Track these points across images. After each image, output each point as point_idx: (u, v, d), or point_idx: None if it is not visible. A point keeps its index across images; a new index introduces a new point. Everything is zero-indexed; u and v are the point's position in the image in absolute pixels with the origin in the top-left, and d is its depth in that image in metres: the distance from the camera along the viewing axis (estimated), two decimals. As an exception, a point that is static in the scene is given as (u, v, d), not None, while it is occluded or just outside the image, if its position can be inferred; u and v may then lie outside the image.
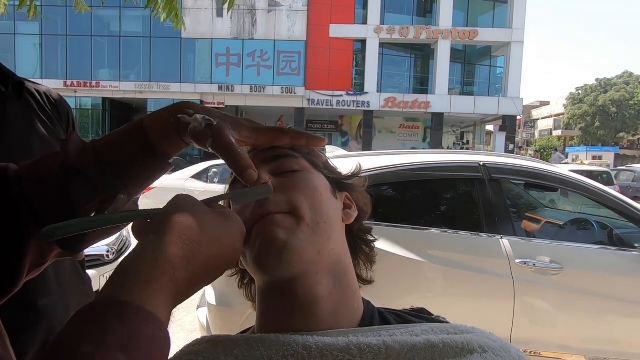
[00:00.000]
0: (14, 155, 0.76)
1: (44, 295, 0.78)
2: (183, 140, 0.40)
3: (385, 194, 2.29)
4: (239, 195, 0.42)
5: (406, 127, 21.46)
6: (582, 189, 2.25)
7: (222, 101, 18.24)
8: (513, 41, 18.26)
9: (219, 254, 0.33)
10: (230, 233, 0.35)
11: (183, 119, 0.38)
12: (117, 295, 0.26)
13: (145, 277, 0.27)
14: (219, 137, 0.37)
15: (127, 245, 3.39)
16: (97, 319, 0.25)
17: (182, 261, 0.29)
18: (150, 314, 0.25)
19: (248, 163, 0.38)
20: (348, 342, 0.37)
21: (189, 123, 0.38)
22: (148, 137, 0.39)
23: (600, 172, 11.01)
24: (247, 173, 0.38)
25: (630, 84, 33.92)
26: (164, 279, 0.27)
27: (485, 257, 2.04)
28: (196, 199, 0.35)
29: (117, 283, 0.27)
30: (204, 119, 0.37)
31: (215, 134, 0.37)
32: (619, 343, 2.02)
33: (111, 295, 0.26)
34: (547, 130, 47.99)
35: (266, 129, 0.42)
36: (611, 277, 2.06)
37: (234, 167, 0.38)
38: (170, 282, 0.28)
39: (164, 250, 0.28)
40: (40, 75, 17.70)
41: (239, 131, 0.40)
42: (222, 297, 2.05)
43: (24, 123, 0.80)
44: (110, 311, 0.25)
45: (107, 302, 0.26)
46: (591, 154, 29.41)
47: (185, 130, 0.38)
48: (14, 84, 0.79)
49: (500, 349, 0.38)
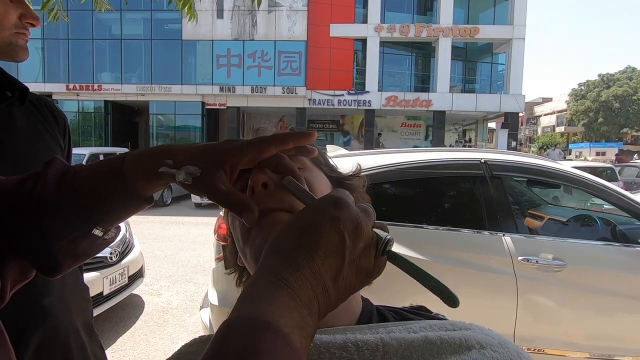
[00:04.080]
0: (22, 159, 0.78)
1: (48, 295, 0.80)
2: (164, 183, 0.40)
3: (387, 192, 2.28)
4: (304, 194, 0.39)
5: (408, 125, 21.40)
6: (585, 185, 2.24)
7: (224, 102, 18.26)
8: (514, 38, 18.16)
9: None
10: None
11: (166, 171, 0.38)
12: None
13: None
14: (210, 191, 0.37)
15: (130, 247, 3.40)
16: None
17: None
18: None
19: (245, 206, 0.37)
20: (345, 339, 0.37)
21: (173, 174, 0.37)
22: (128, 182, 0.39)
23: (604, 167, 10.94)
24: (244, 216, 0.37)
25: (633, 79, 33.72)
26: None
27: (488, 255, 2.03)
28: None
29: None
30: (188, 174, 0.37)
31: (206, 189, 0.37)
32: (623, 340, 2.01)
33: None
34: (550, 126, 47.77)
35: (247, 150, 0.38)
36: (615, 273, 2.05)
37: (234, 212, 0.38)
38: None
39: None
40: (42, 79, 17.77)
41: (223, 167, 0.38)
42: (225, 298, 2.05)
43: (29, 128, 0.83)
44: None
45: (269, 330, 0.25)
46: (594, 149, 29.26)
47: (168, 180, 0.38)
48: (19, 90, 0.81)
49: (498, 345, 0.38)
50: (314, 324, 0.28)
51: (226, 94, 18.07)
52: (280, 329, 0.25)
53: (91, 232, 0.41)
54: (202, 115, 18.68)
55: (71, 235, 0.40)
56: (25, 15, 0.78)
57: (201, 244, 5.96)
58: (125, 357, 2.75)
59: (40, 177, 0.40)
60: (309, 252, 0.29)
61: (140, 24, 18.57)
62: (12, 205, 0.39)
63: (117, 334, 3.07)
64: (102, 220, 0.41)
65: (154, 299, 3.78)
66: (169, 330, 3.16)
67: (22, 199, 0.39)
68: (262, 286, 0.28)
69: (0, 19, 0.74)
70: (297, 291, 0.28)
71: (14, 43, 0.77)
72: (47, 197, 0.39)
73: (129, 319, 3.34)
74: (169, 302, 3.71)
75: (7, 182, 0.41)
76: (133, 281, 3.33)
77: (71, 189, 0.39)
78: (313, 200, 0.37)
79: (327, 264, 0.30)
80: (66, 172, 0.41)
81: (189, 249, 5.73)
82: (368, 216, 0.33)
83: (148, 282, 4.01)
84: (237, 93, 17.94)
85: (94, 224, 0.41)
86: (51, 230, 0.39)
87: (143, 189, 0.40)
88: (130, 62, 18.61)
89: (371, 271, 0.33)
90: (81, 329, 0.88)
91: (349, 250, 0.31)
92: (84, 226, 0.40)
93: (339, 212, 0.31)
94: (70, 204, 0.39)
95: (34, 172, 0.41)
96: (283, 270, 0.28)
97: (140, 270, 3.49)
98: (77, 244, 0.41)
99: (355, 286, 0.32)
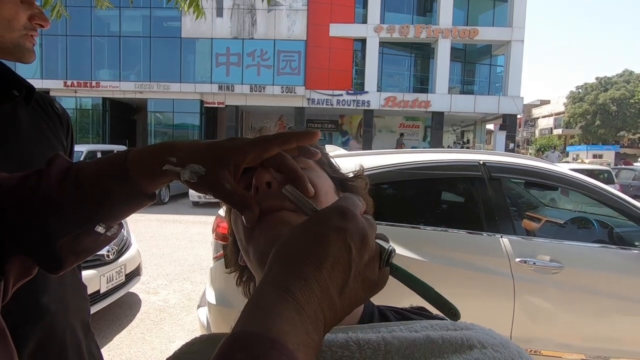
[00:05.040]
0: (27, 159, 0.78)
1: (46, 293, 0.80)
2: (168, 180, 0.40)
3: (385, 193, 2.29)
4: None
5: (406, 126, 21.43)
6: (582, 188, 2.25)
7: (222, 101, 18.23)
8: (513, 40, 18.22)
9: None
10: None
11: (170, 169, 0.38)
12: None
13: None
14: (215, 189, 0.37)
15: (127, 245, 3.39)
16: None
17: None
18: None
19: (246, 205, 0.38)
20: (347, 338, 0.37)
21: (177, 172, 0.38)
22: (132, 179, 0.39)
23: (601, 170, 11.00)
24: (245, 214, 0.38)
25: (630, 83, 33.88)
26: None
27: (485, 256, 2.04)
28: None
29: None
30: (193, 173, 0.37)
31: (211, 187, 0.37)
32: (618, 341, 2.02)
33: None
34: (548, 128, 47.94)
35: (250, 149, 0.38)
36: (611, 275, 2.06)
37: (237, 210, 0.39)
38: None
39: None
40: (40, 76, 17.68)
41: (227, 166, 0.38)
42: (222, 297, 2.05)
43: (34, 128, 0.83)
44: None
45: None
46: (592, 152, 29.39)
47: (172, 178, 0.39)
48: (25, 89, 0.81)
49: (499, 345, 0.38)
50: (318, 339, 0.27)
51: (225, 92, 18.05)
52: (286, 346, 0.24)
53: (94, 230, 0.41)
54: (201, 113, 18.64)
55: (74, 232, 0.40)
56: (35, 16, 0.77)
57: (199, 243, 5.95)
58: (122, 355, 2.74)
59: (43, 175, 0.40)
60: (316, 264, 0.29)
61: (139, 21, 18.51)
62: (16, 203, 0.39)
63: (113, 332, 3.06)
64: (105, 218, 0.41)
65: (151, 297, 3.77)
66: (166, 328, 3.16)
67: (25, 197, 0.39)
68: (268, 299, 0.27)
69: (11, 19, 0.73)
70: (304, 305, 0.27)
71: (22, 45, 0.76)
72: (51, 196, 0.39)
73: (125, 317, 3.33)
74: (166, 301, 3.71)
75: (10, 179, 0.41)
76: (130, 279, 3.32)
77: (74, 187, 0.39)
78: (313, 209, 0.37)
79: (333, 276, 0.29)
80: (69, 170, 0.41)
81: (187, 247, 5.72)
82: (372, 227, 0.33)
83: (145, 280, 4.00)
84: (236, 92, 17.92)
85: (97, 222, 0.41)
86: (54, 228, 0.39)
87: (146, 186, 0.40)
88: (129, 60, 18.55)
89: (376, 282, 0.33)
90: (78, 327, 0.88)
91: (355, 262, 0.30)
92: (87, 224, 0.40)
93: (346, 224, 0.31)
94: (74, 202, 0.39)
95: (37, 169, 0.41)
96: (289, 282, 0.28)
97: (138, 268, 3.48)
98: (79, 241, 0.41)
99: (361, 298, 0.32)
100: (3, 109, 0.77)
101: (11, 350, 0.39)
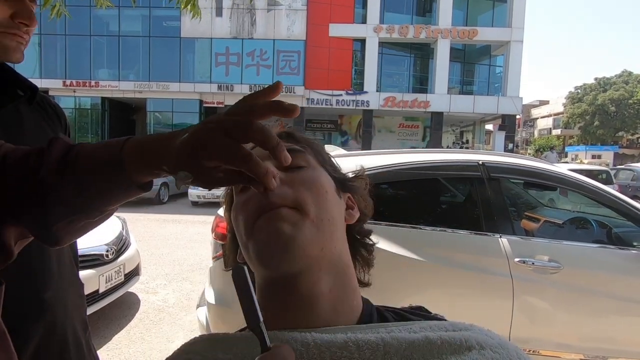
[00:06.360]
0: None
1: (48, 289, 0.80)
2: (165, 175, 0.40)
3: (384, 193, 2.29)
4: None
5: (405, 126, 21.44)
6: (581, 188, 2.25)
7: (222, 100, 18.22)
8: (512, 40, 18.25)
9: None
10: None
11: (164, 175, 0.39)
12: None
13: None
14: (209, 183, 0.37)
15: (126, 244, 3.39)
16: None
17: None
18: None
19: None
20: (346, 338, 0.37)
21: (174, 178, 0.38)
22: (129, 174, 0.39)
23: (600, 171, 11.02)
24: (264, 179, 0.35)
25: (629, 83, 33.94)
26: None
27: (484, 256, 2.04)
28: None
29: None
30: (185, 179, 0.36)
31: (203, 184, 0.37)
32: (617, 341, 2.03)
33: None
34: (547, 129, 48.01)
35: (229, 132, 0.34)
36: (610, 275, 2.07)
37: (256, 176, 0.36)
38: None
39: None
40: (39, 75, 17.66)
41: (207, 163, 0.35)
42: (222, 297, 2.05)
43: (36, 127, 0.83)
44: None
45: None
46: (590, 152, 29.45)
47: (167, 174, 0.39)
48: (29, 89, 0.81)
49: (498, 345, 0.39)
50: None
51: (224, 92, 18.04)
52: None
53: (90, 214, 0.42)
54: (200, 113, 18.63)
55: (69, 218, 0.41)
56: (18, 14, 0.70)
57: (198, 243, 5.95)
58: (121, 355, 2.74)
59: (44, 156, 0.40)
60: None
61: (139, 20, 18.50)
62: (15, 183, 0.40)
63: (112, 332, 3.06)
64: (102, 205, 0.42)
65: (150, 297, 3.77)
66: (165, 328, 3.15)
67: (25, 178, 0.40)
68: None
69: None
70: None
71: (4, 44, 0.71)
72: (49, 181, 0.39)
73: (124, 317, 3.33)
74: (165, 301, 3.71)
75: (14, 152, 0.42)
76: (129, 279, 3.32)
77: (72, 172, 0.40)
78: (252, 305, 0.31)
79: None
80: (68, 153, 0.41)
81: (186, 247, 5.72)
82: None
83: (144, 280, 4.00)
84: (236, 91, 17.91)
85: (92, 210, 0.41)
86: (51, 213, 0.40)
87: (142, 179, 0.40)
88: (128, 59, 18.53)
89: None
90: (77, 324, 0.88)
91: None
92: (83, 212, 0.42)
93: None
94: (71, 189, 0.40)
95: (39, 148, 0.41)
96: None
97: (137, 268, 3.48)
98: (75, 224, 0.42)
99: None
100: (8, 109, 0.77)
101: (11, 352, 0.39)
